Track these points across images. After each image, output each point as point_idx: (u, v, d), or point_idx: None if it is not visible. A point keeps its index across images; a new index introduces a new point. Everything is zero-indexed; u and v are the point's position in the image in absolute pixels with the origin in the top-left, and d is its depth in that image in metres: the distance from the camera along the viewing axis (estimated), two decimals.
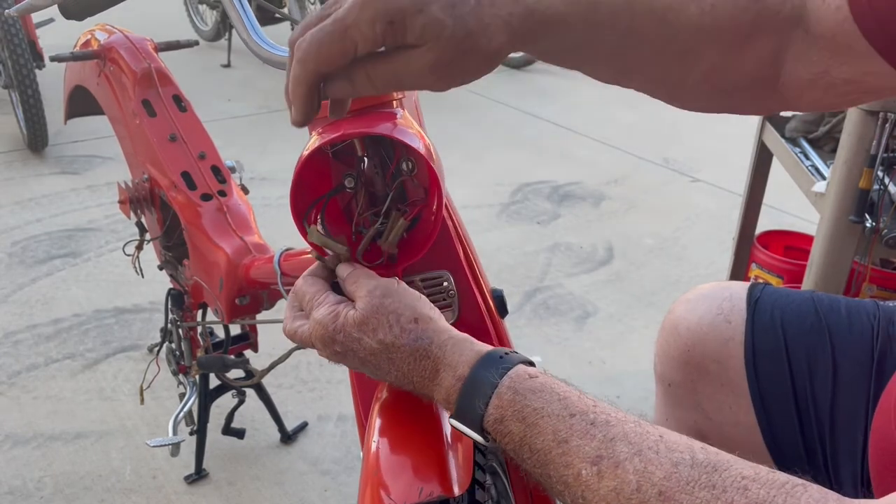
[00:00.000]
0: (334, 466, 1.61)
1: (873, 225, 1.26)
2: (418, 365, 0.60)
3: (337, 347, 0.62)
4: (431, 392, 0.60)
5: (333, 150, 0.75)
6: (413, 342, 0.60)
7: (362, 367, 0.63)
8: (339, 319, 0.62)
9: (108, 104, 1.48)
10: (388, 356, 0.61)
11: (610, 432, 0.52)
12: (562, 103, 4.00)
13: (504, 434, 0.55)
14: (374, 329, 0.61)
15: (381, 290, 0.63)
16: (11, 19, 2.97)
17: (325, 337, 0.62)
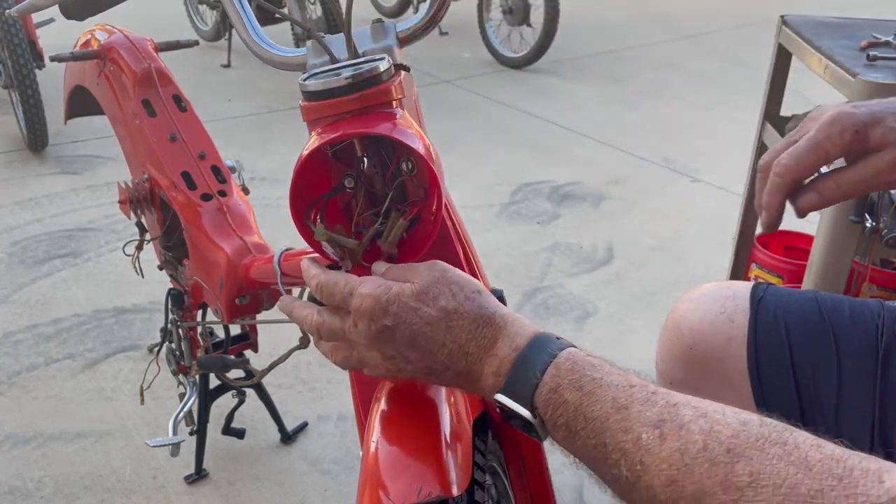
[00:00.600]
0: (334, 466, 1.61)
1: (873, 225, 1.26)
2: (479, 333, 0.59)
3: (387, 320, 0.60)
4: (483, 364, 0.59)
5: (333, 150, 0.75)
6: (478, 309, 0.60)
7: (408, 346, 0.61)
8: (394, 289, 0.61)
9: (108, 104, 1.48)
10: (448, 324, 0.60)
11: (672, 399, 0.51)
12: (562, 103, 4.00)
13: (558, 405, 0.54)
14: (434, 297, 0.60)
15: (439, 265, 0.63)
16: (11, 19, 2.97)
17: (376, 308, 0.60)
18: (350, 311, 0.62)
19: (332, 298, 0.64)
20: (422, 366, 0.61)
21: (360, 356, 0.64)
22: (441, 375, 0.61)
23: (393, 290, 0.61)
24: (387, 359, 0.62)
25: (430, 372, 0.61)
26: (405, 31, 0.82)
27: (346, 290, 0.63)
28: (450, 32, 5.37)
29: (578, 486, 1.56)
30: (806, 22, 1.59)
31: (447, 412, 0.70)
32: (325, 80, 0.72)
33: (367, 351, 0.63)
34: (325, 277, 0.65)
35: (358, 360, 0.65)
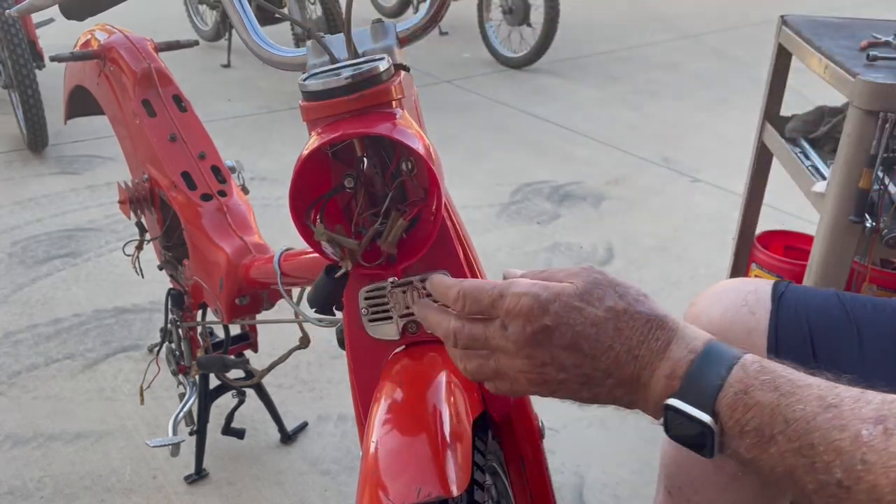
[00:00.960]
0: (334, 466, 1.61)
1: (873, 225, 1.26)
2: (651, 335, 0.55)
3: (547, 320, 0.56)
4: (655, 368, 0.55)
5: (333, 151, 0.75)
6: (650, 311, 0.57)
7: (567, 350, 0.56)
8: (554, 288, 0.57)
9: (108, 104, 1.48)
10: (617, 325, 0.56)
11: (888, 397, 0.47)
12: (562, 103, 3.99)
13: (748, 407, 0.50)
14: (599, 298, 0.57)
15: (594, 268, 0.60)
16: (11, 19, 2.97)
17: (535, 307, 0.56)
18: (498, 315, 0.58)
19: (478, 304, 0.60)
20: (577, 373, 0.57)
21: (500, 365, 0.60)
22: (599, 384, 0.57)
23: (553, 288, 0.57)
24: (536, 367, 0.57)
25: (585, 381, 0.57)
26: (405, 31, 0.82)
27: (494, 292, 0.59)
28: (450, 32, 5.36)
29: (578, 486, 1.56)
30: (806, 22, 1.59)
31: (447, 412, 0.70)
32: (325, 80, 0.72)
33: (513, 358, 0.58)
34: (469, 283, 0.62)
35: (494, 371, 0.60)
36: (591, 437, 1.69)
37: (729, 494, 0.90)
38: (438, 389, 0.73)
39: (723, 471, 0.90)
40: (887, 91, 1.20)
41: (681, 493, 0.94)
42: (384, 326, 0.79)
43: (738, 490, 0.90)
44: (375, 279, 0.78)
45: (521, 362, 0.58)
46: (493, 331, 0.59)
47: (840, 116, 1.56)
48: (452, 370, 0.76)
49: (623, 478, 1.58)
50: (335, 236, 0.72)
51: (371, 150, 0.74)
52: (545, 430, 0.92)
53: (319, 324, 0.96)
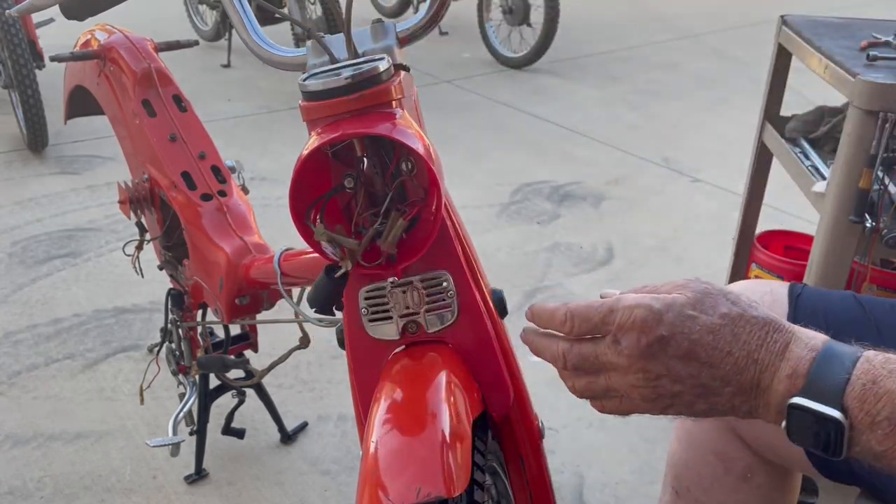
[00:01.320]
0: (334, 466, 1.61)
1: (873, 225, 1.26)
2: (769, 337, 0.55)
3: (663, 330, 0.55)
4: (775, 370, 0.54)
5: (333, 151, 0.75)
6: (765, 315, 0.56)
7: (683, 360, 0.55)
8: (666, 299, 0.57)
9: (108, 104, 1.48)
10: (733, 330, 0.55)
11: None
12: (562, 103, 3.99)
13: (878, 396, 0.50)
14: (712, 306, 0.56)
15: (701, 280, 0.60)
16: (11, 19, 2.97)
17: (649, 318, 0.56)
18: (609, 331, 0.58)
19: (588, 322, 0.59)
20: (694, 384, 0.56)
21: (611, 383, 0.59)
22: (716, 394, 0.56)
23: (664, 299, 0.57)
24: (651, 380, 0.56)
25: (701, 392, 0.56)
26: (405, 31, 0.82)
27: (604, 308, 0.59)
28: (450, 32, 5.36)
29: (578, 486, 1.56)
30: (806, 22, 1.59)
31: (447, 412, 0.70)
32: (325, 80, 0.72)
33: (625, 374, 0.57)
34: (575, 304, 0.61)
35: (604, 389, 0.60)
36: (591, 437, 1.69)
37: (738, 495, 0.90)
38: (438, 389, 0.73)
39: (732, 472, 0.89)
40: (887, 91, 1.20)
41: (689, 493, 0.93)
42: (384, 326, 0.80)
43: (748, 491, 0.90)
44: (375, 279, 0.78)
45: (634, 377, 0.57)
46: (603, 348, 0.58)
47: (840, 116, 1.56)
48: (452, 370, 0.76)
49: (623, 478, 1.58)
50: (335, 236, 0.72)
51: (371, 150, 0.74)
52: (545, 430, 0.92)
53: (319, 324, 0.96)
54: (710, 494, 0.92)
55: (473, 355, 0.81)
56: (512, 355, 0.85)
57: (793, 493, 0.94)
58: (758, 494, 0.90)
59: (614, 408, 0.61)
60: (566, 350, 0.61)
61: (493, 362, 0.81)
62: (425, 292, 0.78)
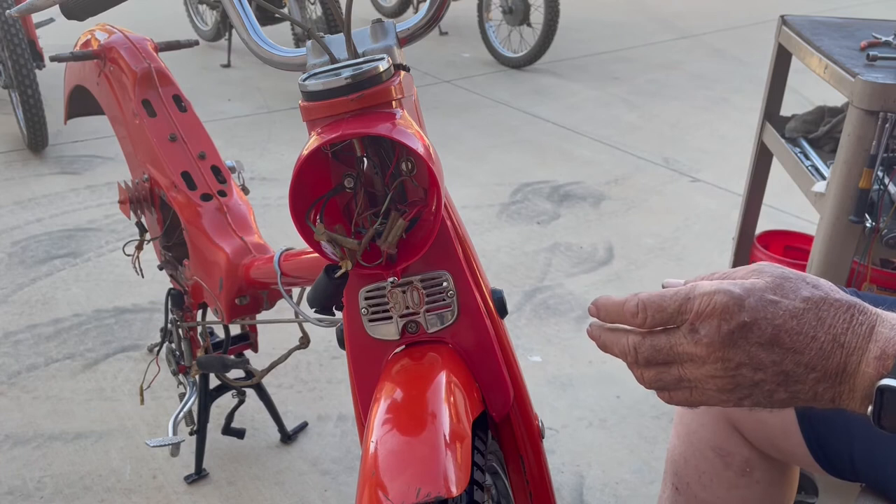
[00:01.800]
0: (334, 466, 1.61)
1: (873, 225, 1.26)
2: (855, 320, 0.53)
3: (745, 316, 0.53)
4: (863, 353, 0.52)
5: (333, 150, 0.75)
6: (849, 298, 0.54)
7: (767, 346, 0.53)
8: (745, 284, 0.55)
9: (108, 104, 1.48)
10: (818, 314, 0.53)
11: None
12: (562, 103, 3.99)
13: None
14: (793, 290, 0.54)
15: (776, 264, 0.58)
16: (11, 19, 2.97)
17: (730, 304, 0.53)
18: (685, 319, 0.55)
19: (663, 311, 0.57)
20: (776, 371, 0.54)
21: (684, 374, 0.57)
22: (800, 381, 0.54)
23: (744, 284, 0.54)
24: (730, 370, 0.54)
25: (784, 380, 0.54)
26: (405, 31, 0.82)
27: (679, 296, 0.56)
28: (450, 32, 5.36)
29: (578, 485, 1.56)
30: (806, 22, 1.59)
31: (447, 412, 0.70)
32: (325, 80, 0.72)
33: (703, 364, 0.55)
34: (646, 294, 0.58)
35: (677, 379, 0.57)
36: (591, 437, 1.69)
37: (737, 490, 0.90)
38: (438, 389, 0.73)
39: (732, 467, 0.90)
40: (887, 91, 1.20)
41: (689, 489, 0.94)
42: (384, 326, 0.80)
43: (747, 486, 0.90)
44: (375, 279, 0.78)
45: (713, 367, 0.55)
46: (678, 338, 0.56)
47: (840, 116, 1.56)
48: (452, 370, 0.76)
49: (623, 478, 1.58)
50: (335, 236, 0.72)
51: (371, 150, 0.74)
52: (545, 430, 0.92)
53: (319, 324, 0.96)
54: (709, 490, 0.92)
55: (473, 355, 0.81)
56: (512, 355, 0.85)
57: (791, 487, 0.94)
58: (757, 489, 0.90)
59: (684, 399, 0.58)
60: (637, 343, 0.58)
61: (493, 362, 0.81)
62: (425, 292, 0.78)
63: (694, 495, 0.94)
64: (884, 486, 0.77)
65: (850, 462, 0.79)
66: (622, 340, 0.60)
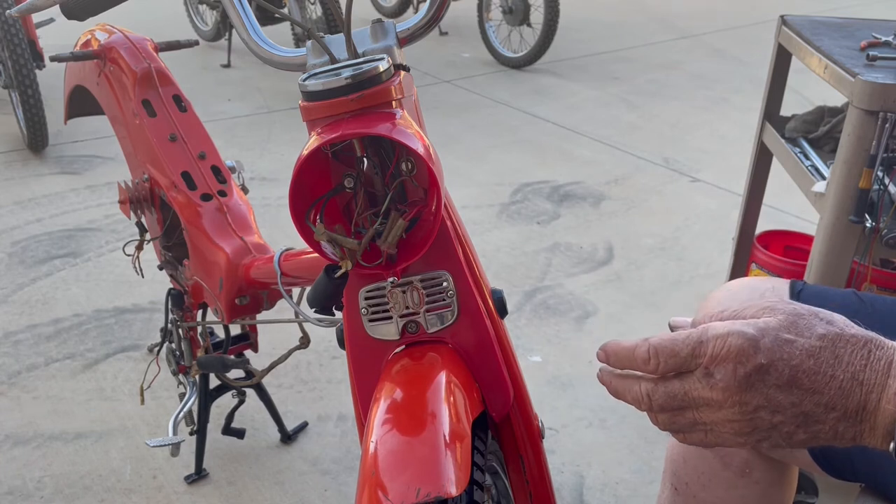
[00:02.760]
0: (334, 466, 1.61)
1: (873, 225, 1.26)
2: (873, 356, 0.52)
3: (761, 358, 0.52)
4: (882, 389, 0.51)
5: (333, 151, 0.75)
6: (864, 332, 0.53)
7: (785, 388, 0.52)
8: (758, 323, 0.53)
9: (108, 104, 1.48)
10: (835, 351, 0.52)
11: None
12: (562, 103, 3.99)
13: None
14: (807, 327, 0.53)
15: (786, 300, 0.56)
16: (11, 19, 2.97)
17: (745, 346, 0.52)
18: (699, 364, 0.54)
19: (676, 357, 0.55)
20: (795, 413, 0.52)
21: (700, 417, 0.55)
22: (820, 422, 0.53)
23: (757, 324, 0.53)
24: (748, 413, 0.53)
25: (803, 421, 0.53)
26: (405, 31, 0.82)
27: (692, 340, 0.54)
28: (450, 32, 5.36)
29: (578, 485, 1.56)
30: (806, 22, 1.59)
31: (446, 412, 0.70)
32: (325, 80, 0.72)
33: (719, 409, 0.54)
34: (657, 339, 0.56)
35: (692, 423, 0.56)
36: (591, 437, 1.69)
37: (736, 491, 0.90)
38: (438, 389, 0.73)
39: (731, 467, 0.90)
40: (887, 91, 1.20)
41: (688, 489, 0.94)
42: (384, 326, 0.80)
43: (746, 486, 0.90)
44: (375, 279, 0.78)
45: (729, 411, 0.53)
46: (692, 383, 0.54)
47: (840, 116, 1.56)
48: (452, 370, 0.76)
49: (623, 478, 1.58)
50: (335, 236, 0.72)
51: (371, 150, 0.74)
52: (545, 430, 0.92)
53: (319, 324, 0.96)
54: (708, 490, 0.92)
55: (473, 355, 0.81)
56: (512, 355, 0.85)
57: (791, 487, 0.94)
58: (756, 490, 0.90)
59: (699, 440, 0.57)
60: (651, 391, 0.57)
61: (493, 362, 0.81)
62: (425, 292, 0.78)
63: (693, 495, 0.94)
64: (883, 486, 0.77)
65: (849, 462, 0.79)
66: (635, 388, 0.58)
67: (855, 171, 1.26)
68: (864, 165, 1.25)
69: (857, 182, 1.26)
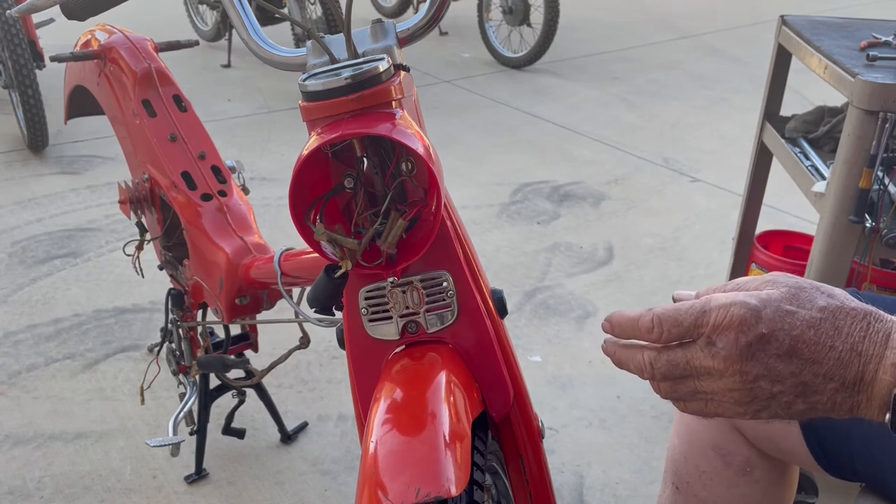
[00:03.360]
0: (334, 466, 1.61)
1: (873, 225, 1.26)
2: (871, 328, 0.53)
3: (763, 327, 0.53)
4: (880, 361, 0.52)
5: (333, 151, 0.75)
6: (864, 306, 0.54)
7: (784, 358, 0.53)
8: (761, 295, 0.54)
9: (108, 104, 1.48)
10: (835, 323, 0.53)
11: None
12: (562, 103, 4.00)
13: None
14: (809, 299, 0.54)
15: (788, 274, 0.57)
16: (12, 19, 2.97)
17: (748, 315, 0.53)
18: (702, 333, 0.55)
19: (679, 325, 0.56)
20: (794, 383, 0.53)
21: (701, 386, 0.56)
22: (818, 392, 0.54)
23: (759, 295, 0.54)
24: (748, 382, 0.54)
25: (802, 391, 0.54)
26: (405, 31, 0.82)
27: (694, 310, 0.55)
28: (450, 32, 5.36)
29: (578, 485, 1.56)
30: (806, 22, 1.59)
31: (446, 412, 0.70)
32: (325, 80, 0.72)
33: (720, 378, 0.55)
34: (661, 308, 0.57)
35: (692, 391, 0.57)
36: (591, 437, 1.69)
37: (737, 489, 0.90)
38: (438, 389, 0.73)
39: (731, 466, 0.90)
40: (887, 91, 1.20)
41: (688, 487, 0.94)
42: (384, 326, 0.80)
43: (747, 485, 0.90)
44: (375, 279, 0.78)
45: (730, 380, 0.54)
46: (694, 352, 0.55)
47: (840, 116, 1.56)
48: (452, 370, 0.76)
49: (623, 478, 1.58)
50: (335, 236, 0.72)
51: (371, 150, 0.74)
52: (545, 430, 0.92)
53: (319, 324, 0.96)
54: (709, 489, 0.92)
55: (473, 355, 0.81)
56: (512, 355, 0.85)
57: (791, 487, 0.94)
58: (756, 488, 0.90)
59: (699, 409, 0.58)
60: (653, 359, 0.58)
61: (493, 362, 0.81)
62: (425, 292, 0.78)
63: (694, 494, 0.94)
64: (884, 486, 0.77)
65: (850, 462, 0.79)
66: (637, 357, 0.59)
67: (855, 171, 1.26)
68: (864, 165, 1.25)
69: (857, 182, 1.26)
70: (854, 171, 1.26)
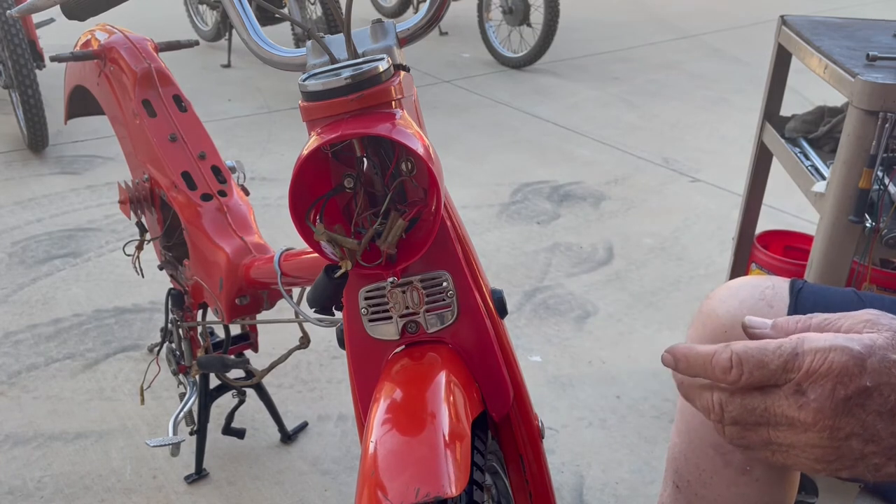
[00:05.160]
0: (334, 466, 1.61)
1: (873, 225, 1.26)
2: None
3: (866, 380, 0.45)
4: None
5: (333, 151, 0.75)
6: None
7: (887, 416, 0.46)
8: (864, 340, 0.47)
9: (108, 104, 1.48)
10: None
11: None
12: (562, 103, 4.00)
13: None
14: None
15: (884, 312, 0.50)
16: (12, 19, 2.97)
17: (851, 365, 0.45)
18: (791, 378, 0.47)
19: (762, 369, 0.48)
20: (890, 444, 0.46)
21: (776, 437, 0.49)
22: None
23: (863, 340, 0.47)
24: (837, 440, 0.47)
25: None
26: (405, 31, 0.82)
27: (784, 351, 0.48)
28: (450, 32, 5.36)
29: (578, 485, 1.56)
30: (806, 22, 1.59)
31: (446, 412, 0.70)
32: (325, 80, 0.72)
33: (804, 432, 0.47)
34: (742, 346, 0.49)
35: (765, 441, 0.50)
36: (591, 437, 1.69)
37: (737, 489, 0.90)
38: (438, 389, 0.73)
39: (732, 465, 0.90)
40: (887, 91, 1.20)
41: (689, 487, 0.94)
42: (384, 326, 0.80)
43: (747, 484, 0.90)
44: (375, 279, 0.78)
45: (816, 436, 0.47)
46: (777, 399, 0.48)
47: (840, 116, 1.56)
48: (452, 370, 0.76)
49: (623, 478, 1.58)
50: (335, 236, 0.72)
51: (371, 150, 0.74)
52: (545, 430, 0.92)
53: (319, 324, 0.96)
54: (709, 488, 0.92)
55: (473, 355, 0.81)
56: (512, 355, 0.85)
57: (792, 486, 0.94)
58: (756, 487, 0.90)
59: (764, 458, 0.51)
60: (725, 401, 0.50)
61: (493, 362, 0.81)
62: (425, 292, 0.78)
63: (694, 493, 0.94)
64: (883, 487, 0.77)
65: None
66: (706, 395, 0.52)
67: (855, 171, 1.26)
68: (864, 165, 1.25)
69: (857, 182, 1.26)
70: (854, 171, 1.26)
